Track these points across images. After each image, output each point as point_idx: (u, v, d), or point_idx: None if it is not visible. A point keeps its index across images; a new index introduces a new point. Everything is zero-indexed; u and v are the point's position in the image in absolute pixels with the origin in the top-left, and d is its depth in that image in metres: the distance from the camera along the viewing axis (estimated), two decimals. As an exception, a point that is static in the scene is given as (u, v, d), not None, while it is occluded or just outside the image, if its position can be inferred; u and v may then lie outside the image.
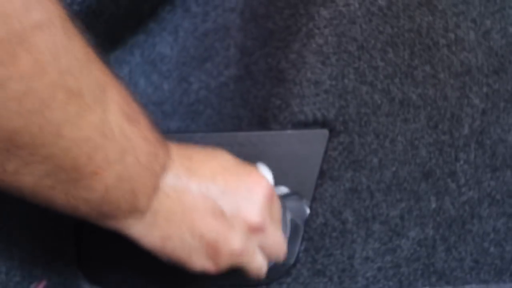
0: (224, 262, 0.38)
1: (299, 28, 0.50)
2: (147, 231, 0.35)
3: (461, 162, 0.52)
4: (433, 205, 0.52)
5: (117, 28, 0.50)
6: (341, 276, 0.52)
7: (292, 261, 0.51)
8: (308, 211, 0.51)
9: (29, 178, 0.29)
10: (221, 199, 0.37)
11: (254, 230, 0.38)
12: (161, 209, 0.35)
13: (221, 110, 0.53)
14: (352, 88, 0.50)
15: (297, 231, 0.51)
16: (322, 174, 0.50)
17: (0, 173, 0.28)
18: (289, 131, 0.50)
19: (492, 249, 0.53)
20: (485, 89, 0.52)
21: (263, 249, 0.40)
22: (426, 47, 0.51)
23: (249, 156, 0.48)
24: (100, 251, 0.49)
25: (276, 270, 0.51)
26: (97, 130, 0.29)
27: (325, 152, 0.50)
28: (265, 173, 0.43)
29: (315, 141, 0.50)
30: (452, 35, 0.51)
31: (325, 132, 0.50)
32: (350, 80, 0.50)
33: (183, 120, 0.52)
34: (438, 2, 0.50)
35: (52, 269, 0.47)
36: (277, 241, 0.41)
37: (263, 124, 0.51)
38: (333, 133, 0.50)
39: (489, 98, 0.52)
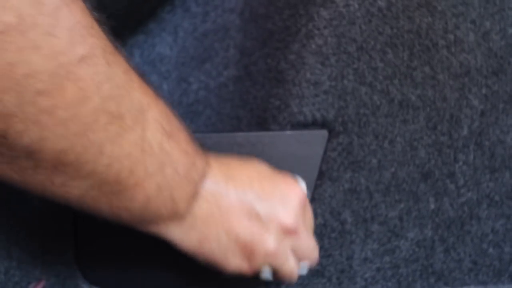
0: (259, 262, 0.40)
1: (299, 29, 0.50)
2: (186, 234, 0.38)
3: (460, 163, 0.52)
4: (432, 206, 0.52)
5: (116, 28, 0.50)
6: (340, 277, 0.52)
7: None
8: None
9: (75, 190, 0.31)
10: (257, 203, 0.39)
11: (288, 232, 0.40)
12: (200, 213, 0.37)
13: (220, 111, 0.53)
14: (351, 89, 0.50)
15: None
16: (321, 174, 0.50)
17: (49, 185, 0.31)
18: (288, 132, 0.50)
19: (490, 250, 0.53)
20: (484, 91, 0.52)
21: (296, 252, 0.42)
22: (425, 48, 0.51)
23: (248, 156, 0.48)
24: (99, 251, 0.49)
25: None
26: (137, 147, 0.32)
27: (324, 152, 0.50)
28: (300, 181, 0.44)
29: (314, 141, 0.50)
30: (451, 36, 0.51)
31: (324, 132, 0.50)
32: (349, 81, 0.50)
33: (183, 120, 0.52)
34: (437, 3, 0.50)
35: (50, 269, 0.47)
36: (310, 245, 0.43)
37: (262, 124, 0.51)
38: (332, 133, 0.50)
39: (488, 99, 0.52)
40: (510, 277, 0.53)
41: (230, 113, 0.53)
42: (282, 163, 0.49)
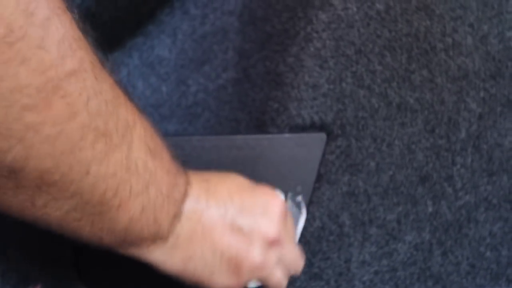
0: (246, 277, 0.39)
1: (297, 32, 0.50)
2: (169, 255, 0.37)
3: (458, 166, 0.52)
4: (430, 209, 0.52)
5: (115, 30, 0.50)
6: (338, 280, 0.52)
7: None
8: (305, 214, 0.51)
9: (57, 212, 0.30)
10: (239, 217, 0.38)
11: (272, 243, 0.40)
12: (183, 232, 0.37)
13: (219, 113, 0.53)
14: (349, 92, 0.50)
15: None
16: (319, 177, 0.51)
17: (29, 208, 0.29)
18: (286, 135, 0.50)
19: (488, 253, 0.53)
20: (482, 94, 0.52)
21: (281, 262, 0.41)
22: (423, 51, 0.51)
23: (247, 159, 0.48)
24: (96, 253, 0.49)
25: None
26: (122, 166, 0.31)
27: (323, 155, 0.50)
28: (278, 193, 0.45)
29: (312, 144, 0.50)
30: (449, 40, 0.51)
31: (322, 135, 0.50)
32: (347, 84, 0.50)
33: (181, 123, 0.52)
34: (435, 6, 0.50)
35: (48, 271, 0.47)
36: (294, 254, 0.43)
37: (261, 127, 0.51)
38: (330, 136, 0.50)
39: (486, 102, 0.52)
40: (507, 280, 0.53)
41: (229, 116, 0.53)
42: (280, 166, 0.49)
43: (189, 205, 0.37)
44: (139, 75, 0.53)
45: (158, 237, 0.36)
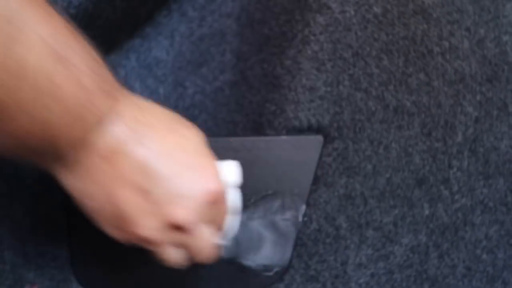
0: (130, 240, 0.36)
1: (295, 34, 0.51)
2: (69, 180, 0.34)
3: (454, 169, 0.52)
4: (426, 212, 0.52)
5: (113, 32, 0.50)
6: (334, 282, 0.52)
7: (285, 265, 0.51)
8: (302, 216, 0.51)
9: None
10: (155, 182, 0.34)
11: (175, 228, 0.35)
12: (90, 167, 0.33)
13: (216, 115, 0.53)
14: (346, 95, 0.50)
15: (289, 236, 0.51)
16: (316, 180, 0.51)
17: None
18: (283, 137, 0.50)
19: (484, 256, 0.53)
20: (478, 97, 0.52)
21: (185, 247, 0.37)
22: (420, 54, 0.51)
23: (243, 161, 0.48)
24: (92, 254, 0.49)
25: (269, 276, 0.51)
26: (9, 73, 0.26)
27: (320, 158, 0.50)
28: (230, 172, 0.40)
29: (309, 147, 0.50)
30: (446, 43, 0.51)
31: (319, 138, 0.50)
32: (345, 87, 0.50)
33: None
34: (433, 10, 0.51)
35: (44, 272, 0.47)
36: (204, 246, 0.38)
37: (258, 129, 0.52)
38: (327, 139, 0.50)
39: (483, 106, 0.52)
40: (503, 283, 0.53)
41: (226, 118, 0.53)
42: (277, 168, 0.49)
43: (108, 140, 0.32)
44: (137, 77, 0.53)
45: (59, 160, 0.32)
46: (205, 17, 0.53)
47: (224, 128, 0.53)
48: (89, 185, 0.34)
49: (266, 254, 0.51)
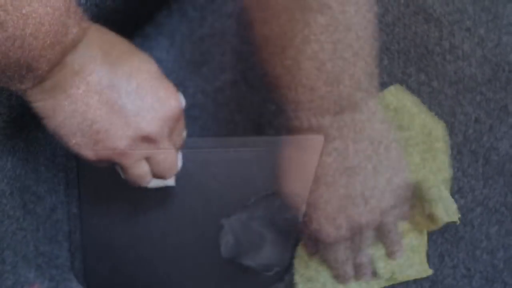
0: (104, 155, 0.39)
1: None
2: (43, 97, 0.36)
3: (454, 169, 0.52)
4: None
5: (113, 31, 0.50)
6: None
7: (285, 265, 0.51)
8: (302, 216, 0.51)
9: None
10: (127, 98, 0.38)
11: (145, 138, 0.39)
12: (64, 83, 0.36)
13: (217, 115, 0.53)
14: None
15: (289, 236, 0.51)
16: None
17: None
18: (283, 137, 0.50)
19: (484, 256, 0.53)
20: (478, 98, 0.52)
21: (151, 160, 0.41)
22: (420, 55, 0.51)
23: (243, 160, 0.48)
24: (93, 255, 0.49)
25: (269, 276, 0.51)
26: None
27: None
28: (181, 96, 0.44)
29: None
30: (446, 44, 0.51)
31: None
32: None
33: None
34: (433, 10, 0.51)
35: (44, 273, 0.47)
36: (168, 159, 0.42)
37: (258, 129, 0.52)
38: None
39: (482, 106, 0.52)
40: (503, 283, 0.53)
41: (226, 117, 0.53)
42: (277, 168, 0.49)
43: (80, 59, 0.35)
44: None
45: (33, 77, 0.34)
46: (205, 17, 0.53)
47: (224, 127, 0.53)
48: (64, 103, 0.36)
49: (266, 254, 0.51)
